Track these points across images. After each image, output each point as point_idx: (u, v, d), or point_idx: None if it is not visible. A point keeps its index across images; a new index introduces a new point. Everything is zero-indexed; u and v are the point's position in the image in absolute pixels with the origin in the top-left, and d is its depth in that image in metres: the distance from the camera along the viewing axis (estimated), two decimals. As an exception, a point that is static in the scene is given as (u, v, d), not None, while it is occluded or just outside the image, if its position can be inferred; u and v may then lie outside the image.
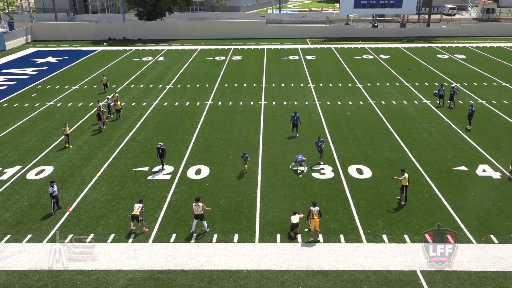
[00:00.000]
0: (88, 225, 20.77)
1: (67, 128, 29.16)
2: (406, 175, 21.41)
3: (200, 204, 19.34)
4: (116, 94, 36.21)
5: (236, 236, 19.54)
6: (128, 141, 30.50)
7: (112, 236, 19.92)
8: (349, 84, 43.17)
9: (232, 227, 20.26)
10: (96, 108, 34.62)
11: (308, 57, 55.33)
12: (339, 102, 37.72)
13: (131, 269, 17.68)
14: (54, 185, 21.52)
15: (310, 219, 18.77)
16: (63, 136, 29.62)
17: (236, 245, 18.98)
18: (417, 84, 42.81)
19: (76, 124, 32.56)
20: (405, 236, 19.41)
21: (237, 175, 25.17)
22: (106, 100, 34.87)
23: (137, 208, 19.49)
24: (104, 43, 67.85)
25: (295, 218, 18.91)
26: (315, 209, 18.77)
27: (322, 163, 26.20)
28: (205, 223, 19.69)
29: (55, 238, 19.47)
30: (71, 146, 29.18)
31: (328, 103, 37.67)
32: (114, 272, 17.56)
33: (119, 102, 34.89)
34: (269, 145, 29.09)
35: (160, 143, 25.34)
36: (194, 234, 19.51)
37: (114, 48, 63.28)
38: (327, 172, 25.42)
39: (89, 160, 27.69)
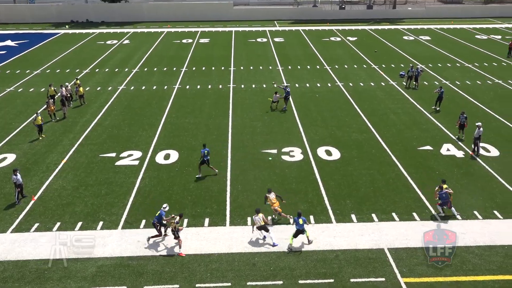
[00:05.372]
0: (54, 214, 20.44)
1: (39, 118, 28.01)
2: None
3: (261, 215, 17.88)
4: (78, 81, 35.18)
5: (207, 220, 19.59)
6: (94, 127, 29.98)
7: (79, 223, 19.71)
8: (317, 66, 43.42)
9: (202, 211, 20.28)
10: (59, 93, 33.59)
11: (276, 39, 55.24)
12: (307, 85, 37.92)
13: (100, 256, 17.54)
14: (18, 174, 21.00)
15: (270, 205, 18.96)
16: (35, 127, 28.22)
17: (207, 229, 19.02)
18: (383, 65, 43.44)
19: (39, 110, 31.64)
20: (373, 215, 19.88)
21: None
22: (64, 88, 33.64)
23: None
24: (66, 26, 65.69)
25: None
26: (272, 195, 18.94)
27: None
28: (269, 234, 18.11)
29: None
30: (44, 136, 28.23)
31: (297, 85, 37.83)
32: (83, 260, 17.38)
33: (81, 88, 34.07)
34: (238, 128, 29.13)
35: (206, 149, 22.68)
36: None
37: (77, 31, 61.44)
38: (297, 154, 25.67)
39: (53, 147, 27.13)
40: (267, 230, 17.93)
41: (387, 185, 22.24)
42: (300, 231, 17.63)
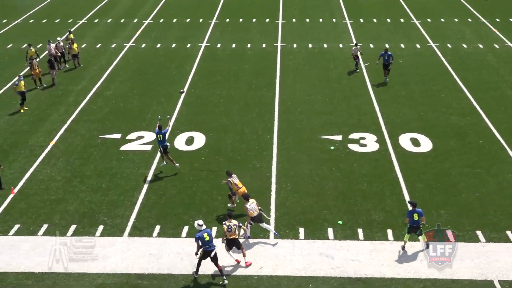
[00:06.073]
0: (40, 212, 20.82)
1: (22, 83, 28.60)
2: None
3: (254, 201, 18.79)
4: (71, 35, 35.92)
5: (242, 230, 19.57)
6: (93, 98, 30.34)
7: (73, 227, 19.95)
8: (402, 20, 42.71)
9: (238, 216, 20.28)
10: (46, 51, 34.44)
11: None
12: (386, 45, 37.11)
13: (100, 272, 17.72)
14: None
15: (236, 191, 19.97)
16: (16, 94, 29.13)
17: (244, 242, 19.03)
18: (497, 20, 42.15)
19: (20, 73, 32.36)
20: (478, 232, 19.43)
21: (244, 145, 25.21)
22: (56, 43, 34.48)
23: (232, 226, 17.65)
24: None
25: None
26: (235, 179, 20.05)
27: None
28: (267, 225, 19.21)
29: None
30: (25, 109, 29.00)
31: (371, 46, 37.31)
32: (77, 276, 17.59)
33: (75, 45, 34.65)
34: (288, 105, 29.00)
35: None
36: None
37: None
38: (370, 143, 25.33)
39: (39, 123, 27.59)
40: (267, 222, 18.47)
41: (500, 191, 21.70)
42: (414, 228, 17.87)
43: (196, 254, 17.27)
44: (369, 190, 21.88)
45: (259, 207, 19.06)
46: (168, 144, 22.97)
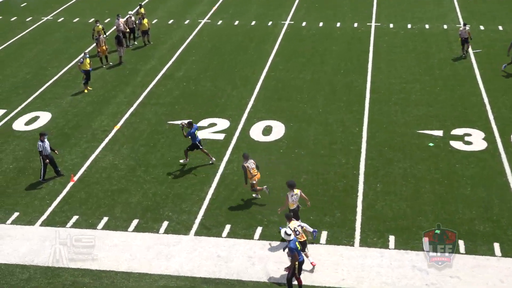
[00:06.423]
0: (100, 203, 21.19)
1: (88, 60, 29.21)
2: None
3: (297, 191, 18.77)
4: (142, 9, 36.52)
5: (324, 235, 19.24)
6: (162, 79, 30.75)
7: (135, 222, 20.16)
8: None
9: (318, 219, 19.95)
10: (114, 27, 35.08)
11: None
12: (499, 27, 36.04)
13: (162, 273, 17.80)
14: (46, 140, 21.88)
15: (249, 179, 20.34)
16: (81, 73, 29.76)
17: (324, 248, 18.63)
18: None
19: (86, 49, 33.19)
20: None
21: (328, 137, 24.95)
22: (126, 17, 35.27)
23: (298, 228, 17.41)
24: None
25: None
26: (251, 163, 20.37)
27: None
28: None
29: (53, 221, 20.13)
30: (89, 89, 29.69)
31: (482, 28, 36.27)
32: (137, 276, 17.73)
33: (146, 20, 35.16)
34: (380, 93, 28.63)
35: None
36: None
37: None
38: (476, 140, 24.62)
39: (103, 105, 28.24)
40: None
41: None
42: None
43: (288, 269, 16.83)
44: (473, 195, 21.11)
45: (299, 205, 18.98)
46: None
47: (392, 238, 19.14)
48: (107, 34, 34.71)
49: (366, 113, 26.96)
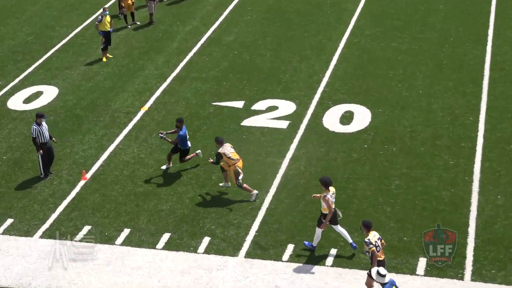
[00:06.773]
0: (120, 210, 20.08)
1: (107, 19, 28.29)
2: None
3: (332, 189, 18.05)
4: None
5: (423, 262, 17.89)
6: (205, 46, 29.74)
7: (166, 236, 18.83)
8: None
9: (415, 241, 18.63)
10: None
11: None
12: None
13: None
14: (43, 123, 20.96)
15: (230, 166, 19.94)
16: (99, 35, 29.00)
17: (422, 281, 17.30)
18: None
19: (105, 3, 32.29)
20: None
21: (430, 129, 23.52)
22: None
23: (378, 242, 17.04)
24: None
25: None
26: (228, 148, 19.88)
27: None
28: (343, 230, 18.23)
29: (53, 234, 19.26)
30: (109, 56, 28.92)
31: None
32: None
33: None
34: (505, 72, 26.96)
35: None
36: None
37: None
38: None
39: (127, 79, 27.40)
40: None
41: None
42: None
43: None
44: None
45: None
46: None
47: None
48: None
49: (484, 97, 25.36)
